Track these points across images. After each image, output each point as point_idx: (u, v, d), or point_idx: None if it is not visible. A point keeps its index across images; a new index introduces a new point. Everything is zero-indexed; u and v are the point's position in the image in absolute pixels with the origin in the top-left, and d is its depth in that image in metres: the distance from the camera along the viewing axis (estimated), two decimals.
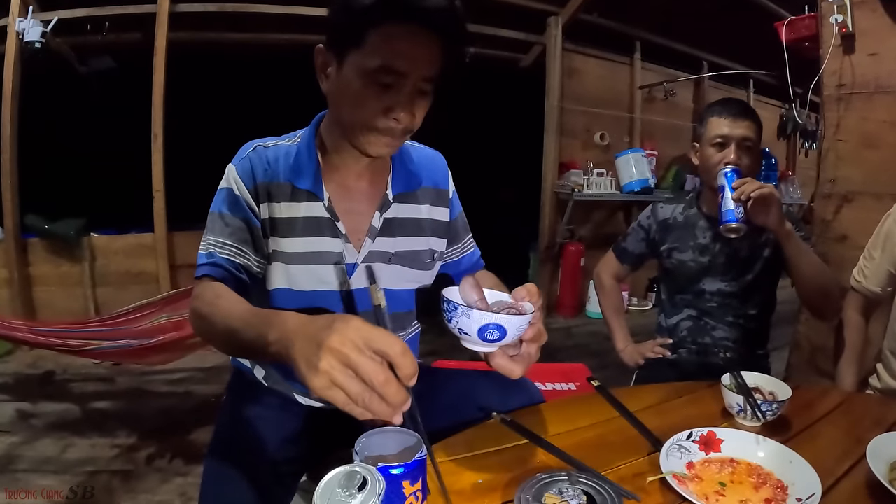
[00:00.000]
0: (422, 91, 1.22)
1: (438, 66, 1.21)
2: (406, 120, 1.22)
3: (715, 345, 2.14)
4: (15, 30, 4.19)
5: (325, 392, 0.79)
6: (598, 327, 5.03)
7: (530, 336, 1.05)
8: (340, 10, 1.19)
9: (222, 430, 1.41)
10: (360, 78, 1.18)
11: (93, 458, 2.92)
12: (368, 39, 1.16)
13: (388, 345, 0.80)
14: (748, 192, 1.71)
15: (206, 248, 1.32)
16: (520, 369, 1.05)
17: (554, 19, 5.37)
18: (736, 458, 1.11)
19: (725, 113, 1.99)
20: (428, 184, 1.50)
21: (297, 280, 1.35)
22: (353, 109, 1.23)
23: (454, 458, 1.12)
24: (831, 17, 2.67)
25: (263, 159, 1.34)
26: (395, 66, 1.16)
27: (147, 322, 3.27)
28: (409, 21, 1.15)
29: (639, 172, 5.31)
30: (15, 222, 4.44)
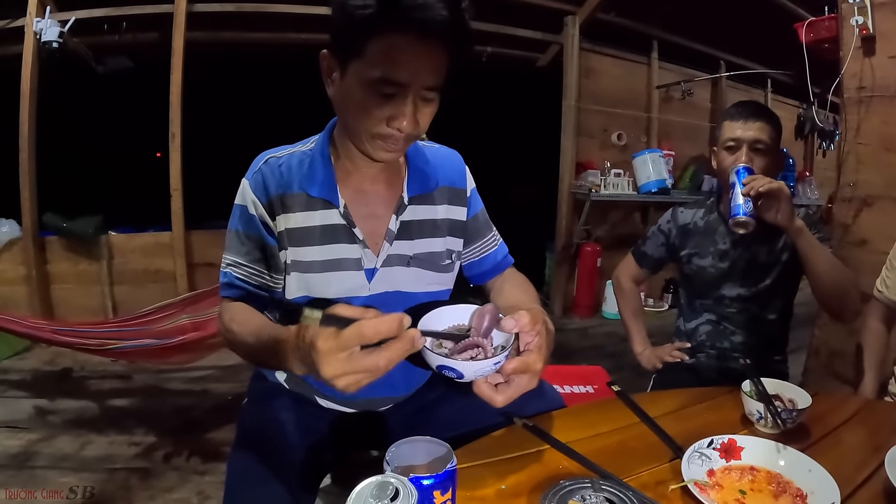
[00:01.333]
0: (425, 99, 1.21)
1: (442, 74, 1.20)
2: (409, 128, 1.21)
3: (734, 349, 2.13)
4: (33, 30, 4.22)
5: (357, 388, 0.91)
6: (615, 328, 5.03)
7: (511, 370, 1.02)
8: (341, 19, 1.17)
9: (244, 432, 1.42)
10: (362, 87, 1.18)
11: (111, 456, 2.94)
12: (369, 49, 1.15)
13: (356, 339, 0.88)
14: (757, 187, 1.71)
15: (224, 267, 1.39)
16: (501, 399, 1.03)
17: (571, 19, 5.36)
18: (756, 466, 1.11)
19: (738, 116, 1.99)
20: (444, 183, 1.49)
21: (317, 288, 1.36)
22: (356, 117, 1.23)
23: (478, 464, 1.12)
24: (852, 18, 2.65)
25: (276, 171, 1.35)
26: (396, 78, 1.15)
27: (168, 322, 3.30)
28: (410, 31, 1.13)
29: (656, 173, 5.29)
30: (33, 220, 4.49)
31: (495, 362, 0.99)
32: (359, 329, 0.87)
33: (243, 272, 1.36)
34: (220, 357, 3.83)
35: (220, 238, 4.25)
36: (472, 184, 1.57)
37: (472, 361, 0.98)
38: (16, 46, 4.39)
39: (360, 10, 1.12)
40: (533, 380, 1.06)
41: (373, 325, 0.87)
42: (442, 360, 0.97)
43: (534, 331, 1.06)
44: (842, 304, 1.90)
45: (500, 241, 1.66)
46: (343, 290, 1.37)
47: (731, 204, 1.80)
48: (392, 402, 1.55)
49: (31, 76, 4.35)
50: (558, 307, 5.83)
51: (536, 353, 1.05)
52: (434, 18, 1.12)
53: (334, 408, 1.50)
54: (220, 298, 1.41)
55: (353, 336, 0.87)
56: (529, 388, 1.05)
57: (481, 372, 1.00)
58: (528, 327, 1.05)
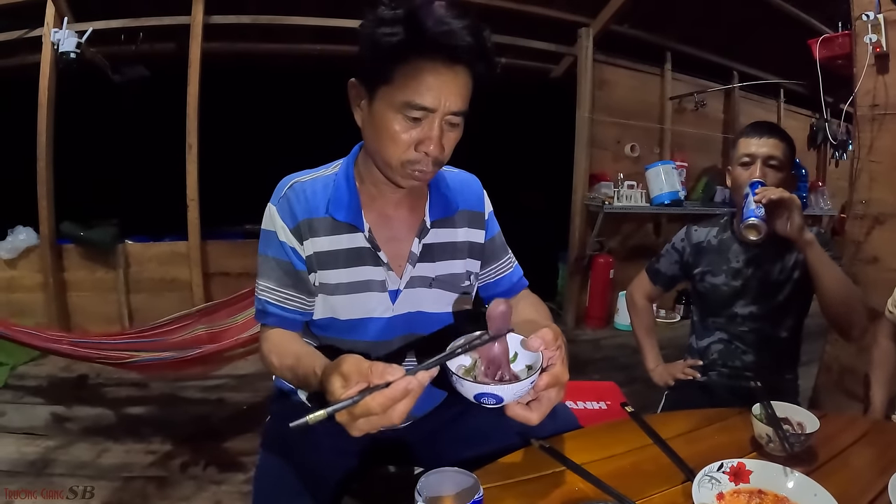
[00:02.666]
0: (451, 123, 1.25)
1: (467, 99, 1.24)
2: (435, 152, 1.24)
3: (745, 368, 2.14)
4: (50, 40, 4.28)
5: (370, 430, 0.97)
6: (627, 339, 5.02)
7: (544, 385, 1.06)
8: (369, 47, 1.21)
9: (268, 452, 1.44)
10: (390, 112, 1.21)
11: (128, 464, 2.96)
12: (397, 75, 1.19)
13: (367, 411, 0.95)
14: (769, 195, 1.74)
15: (259, 293, 1.42)
16: (536, 416, 1.08)
17: (585, 30, 5.36)
18: (764, 489, 1.13)
19: (753, 133, 2.03)
20: (464, 207, 1.52)
21: (342, 310, 1.40)
22: (384, 143, 1.25)
23: (496, 485, 1.14)
24: (865, 36, 2.64)
25: (301, 196, 1.38)
26: (423, 103, 1.19)
27: (184, 333, 3.33)
28: (436, 56, 1.18)
29: (669, 184, 5.27)
30: (50, 228, 4.54)
31: (531, 381, 1.02)
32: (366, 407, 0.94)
33: (277, 297, 1.39)
34: (235, 366, 3.86)
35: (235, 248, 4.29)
36: (489, 207, 1.61)
37: (510, 384, 1.01)
38: (33, 56, 4.45)
39: (389, 38, 1.17)
40: (561, 392, 1.11)
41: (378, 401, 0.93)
42: (480, 387, 0.99)
43: (555, 345, 1.09)
44: (849, 321, 1.91)
45: (515, 264, 1.69)
46: (367, 310, 1.40)
47: (743, 210, 1.83)
48: (412, 419, 1.57)
49: (49, 86, 4.41)
50: (571, 318, 5.83)
51: (561, 366, 1.10)
52: (459, 44, 1.17)
53: None
54: (260, 326, 1.45)
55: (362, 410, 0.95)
56: (558, 401, 1.11)
57: (520, 394, 1.02)
58: (551, 343, 1.09)
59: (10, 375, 4.05)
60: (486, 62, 1.25)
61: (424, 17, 1.17)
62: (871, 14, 2.59)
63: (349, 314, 1.40)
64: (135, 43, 4.54)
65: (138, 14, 4.50)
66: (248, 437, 3.20)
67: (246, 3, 4.71)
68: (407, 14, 1.17)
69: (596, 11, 5.25)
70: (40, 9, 4.31)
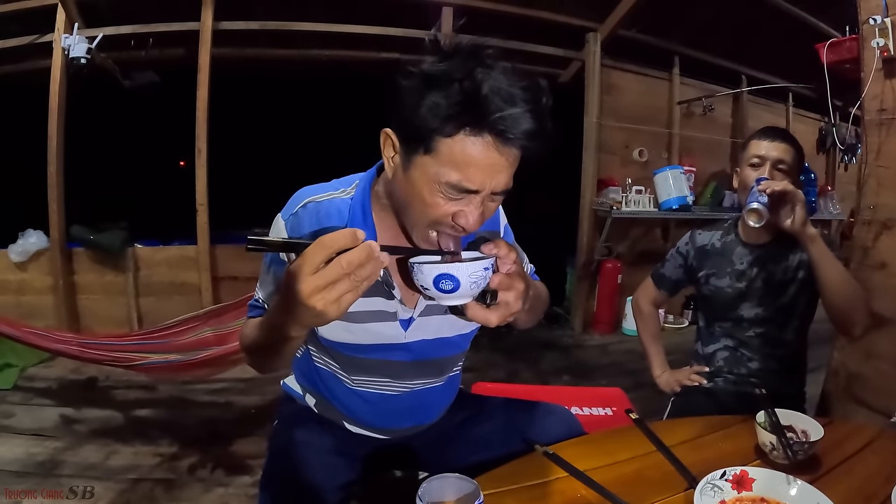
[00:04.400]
0: (494, 200, 1.17)
1: (513, 173, 1.14)
2: (473, 227, 1.14)
3: (751, 375, 2.13)
4: (61, 46, 4.31)
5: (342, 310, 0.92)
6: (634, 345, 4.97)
7: (497, 283, 1.08)
8: (411, 108, 1.07)
9: (275, 457, 1.45)
10: (429, 185, 1.11)
11: (136, 466, 2.98)
12: (441, 149, 1.06)
13: (320, 253, 0.89)
14: (773, 186, 1.75)
15: (256, 298, 1.42)
16: (495, 317, 1.10)
17: (593, 35, 5.36)
18: (767, 497, 1.13)
19: (764, 136, 2.04)
20: (482, 229, 1.40)
21: (353, 336, 1.38)
22: (415, 207, 1.16)
23: (499, 490, 1.15)
24: (873, 40, 2.62)
25: (314, 218, 1.31)
26: (469, 186, 1.08)
27: (191, 335, 3.34)
28: (491, 141, 1.05)
29: (677, 189, 5.25)
30: (61, 232, 4.57)
31: (484, 266, 1.06)
32: (317, 242, 0.89)
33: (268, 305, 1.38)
34: (243, 369, 3.86)
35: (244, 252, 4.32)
36: (504, 221, 1.55)
37: (464, 263, 1.04)
38: (44, 61, 4.49)
39: (439, 110, 1.04)
40: (518, 301, 1.12)
41: (330, 237, 0.89)
42: (439, 267, 1.02)
43: (509, 257, 1.11)
44: (851, 318, 1.91)
45: (531, 267, 1.66)
46: (379, 337, 1.38)
47: (746, 199, 1.84)
48: (421, 428, 1.58)
49: (60, 91, 4.45)
50: (578, 323, 5.82)
51: (517, 275, 1.11)
52: (519, 130, 1.05)
53: (362, 433, 1.54)
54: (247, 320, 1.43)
55: (314, 250, 0.89)
56: (516, 310, 1.12)
57: (474, 277, 1.04)
58: (504, 249, 1.10)
59: (19, 377, 4.07)
60: (543, 142, 1.10)
61: (481, 88, 1.03)
62: (879, 18, 2.57)
63: (361, 340, 1.38)
64: (145, 48, 4.57)
65: (148, 20, 4.53)
66: (256, 440, 3.21)
67: (255, 9, 4.74)
68: (460, 80, 1.03)
69: (604, 16, 5.24)
70: (51, 15, 4.34)
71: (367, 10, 4.62)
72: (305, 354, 1.54)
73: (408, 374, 1.46)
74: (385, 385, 1.46)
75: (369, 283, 0.92)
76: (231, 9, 4.65)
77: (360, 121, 1.34)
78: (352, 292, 0.91)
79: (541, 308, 1.51)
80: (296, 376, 1.65)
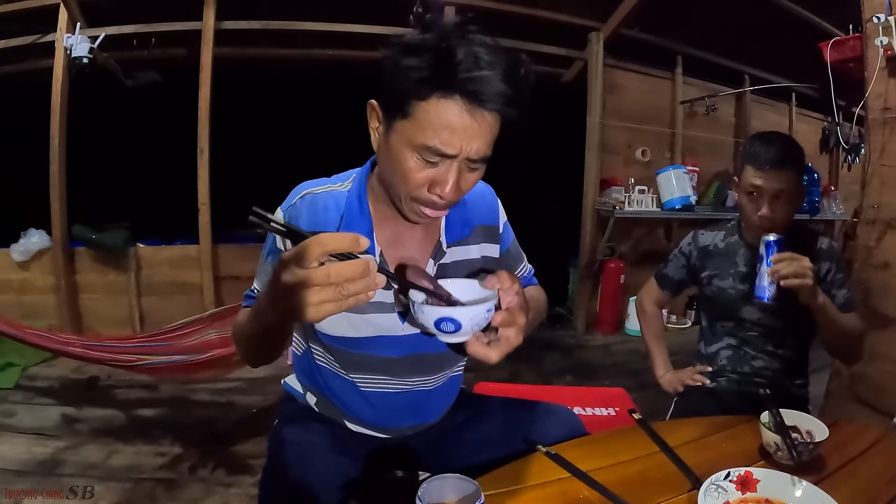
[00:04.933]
0: (471, 168, 1.20)
1: (492, 143, 1.18)
2: (450, 196, 1.18)
3: (754, 374, 2.13)
4: (63, 46, 4.32)
5: (319, 316, 0.88)
6: (637, 345, 5.00)
7: (500, 321, 1.08)
8: (390, 75, 1.13)
9: (275, 455, 1.44)
10: (406, 149, 1.15)
11: (137, 466, 2.98)
12: (417, 113, 1.11)
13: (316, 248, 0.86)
14: (783, 274, 1.69)
15: (252, 290, 1.43)
16: (494, 354, 1.09)
17: (595, 35, 5.36)
18: (771, 498, 1.12)
19: (760, 162, 1.93)
20: (479, 223, 1.49)
21: (351, 327, 1.38)
22: (396, 177, 1.20)
23: (501, 491, 1.14)
24: (876, 39, 2.61)
25: (312, 209, 1.34)
26: (443, 149, 1.12)
27: (195, 338, 3.35)
28: (463, 102, 1.09)
29: (680, 189, 5.24)
30: (62, 231, 4.57)
31: (487, 309, 1.05)
32: (315, 237, 0.86)
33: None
34: (246, 370, 3.87)
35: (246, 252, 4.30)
36: (503, 217, 1.58)
37: (467, 307, 1.03)
38: (46, 61, 4.49)
39: (413, 73, 1.09)
40: (519, 336, 1.12)
41: (329, 235, 0.87)
42: (441, 310, 1.01)
43: (512, 290, 1.11)
44: (846, 356, 2.08)
45: (530, 269, 1.68)
46: (377, 329, 1.39)
47: (756, 282, 1.78)
48: (421, 427, 1.57)
49: (62, 90, 4.45)
50: (581, 323, 5.81)
51: (518, 308, 1.11)
52: (490, 92, 1.08)
53: (363, 432, 1.53)
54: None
55: (310, 244, 0.86)
56: (517, 344, 1.12)
57: (476, 319, 1.04)
58: (507, 282, 1.10)
59: (21, 376, 4.07)
60: (520, 108, 1.15)
61: (455, 53, 1.08)
62: (882, 16, 2.56)
63: (358, 332, 1.38)
64: (147, 48, 4.57)
65: (150, 19, 4.53)
66: (257, 441, 3.21)
67: (257, 9, 4.74)
68: (435, 46, 1.09)
69: (606, 15, 5.24)
70: (53, 14, 4.34)
71: (369, 10, 4.61)
72: (306, 352, 1.54)
73: (406, 371, 1.45)
74: (384, 384, 1.46)
75: (357, 302, 0.88)
76: (233, 8, 4.65)
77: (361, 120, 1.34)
78: (334, 303, 0.87)
79: (539, 319, 1.53)
80: (296, 374, 1.65)
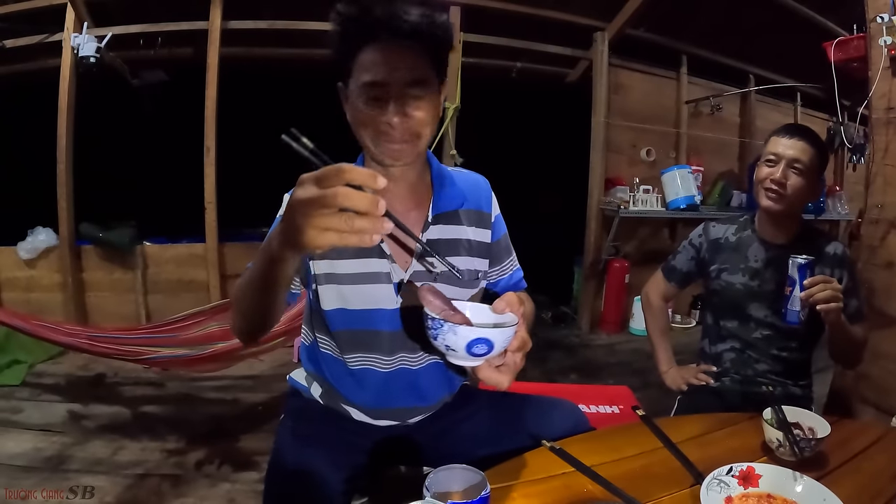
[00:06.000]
0: (411, 95, 1.32)
1: (421, 70, 1.33)
2: (399, 122, 1.31)
3: (758, 375, 2.12)
4: (70, 45, 4.35)
5: (319, 241, 0.86)
6: (641, 344, 5.01)
7: (515, 346, 1.10)
8: (332, 48, 1.36)
9: (281, 450, 1.46)
10: (358, 99, 1.32)
11: (143, 461, 3.00)
12: (356, 65, 1.32)
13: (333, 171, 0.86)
14: (818, 300, 1.69)
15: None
16: (507, 380, 1.11)
17: (600, 34, 5.36)
18: (773, 493, 1.13)
19: (784, 133, 2.00)
20: (470, 206, 1.55)
21: (350, 300, 1.43)
22: (360, 126, 1.36)
23: (506, 485, 1.15)
24: (880, 38, 2.61)
25: None
26: (376, 79, 1.29)
27: (197, 330, 3.36)
28: (379, 38, 1.29)
29: (684, 189, 5.24)
30: (70, 229, 4.60)
31: (513, 330, 1.06)
32: (338, 165, 0.87)
33: None
34: (250, 367, 3.90)
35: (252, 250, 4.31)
36: (497, 210, 1.63)
37: (502, 329, 1.03)
38: (54, 60, 4.52)
39: (342, 36, 1.32)
40: (523, 359, 1.14)
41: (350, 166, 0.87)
42: (478, 332, 1.01)
43: (519, 312, 1.13)
44: (845, 362, 2.14)
45: (517, 266, 1.72)
46: (375, 301, 1.44)
47: (787, 305, 1.78)
48: (420, 412, 1.59)
49: (69, 90, 4.48)
50: (586, 323, 5.81)
51: (525, 333, 1.13)
52: (399, 24, 1.29)
53: (367, 420, 1.55)
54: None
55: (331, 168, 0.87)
56: (521, 366, 1.14)
57: (507, 342, 1.05)
58: (516, 305, 1.13)
59: (28, 373, 4.10)
60: (435, 32, 1.34)
61: (369, 10, 1.29)
62: (886, 16, 2.56)
63: (358, 304, 1.44)
64: (153, 47, 4.60)
65: (157, 19, 4.56)
66: (263, 437, 3.23)
67: (263, 9, 4.76)
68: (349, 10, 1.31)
69: (611, 15, 5.25)
70: (60, 14, 4.38)
71: None
72: (313, 342, 1.58)
73: (392, 347, 1.49)
74: (372, 361, 1.49)
75: (360, 241, 0.86)
76: (239, 8, 4.67)
77: None
78: (336, 234, 0.86)
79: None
80: (303, 362, 1.67)
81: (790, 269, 1.76)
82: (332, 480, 1.32)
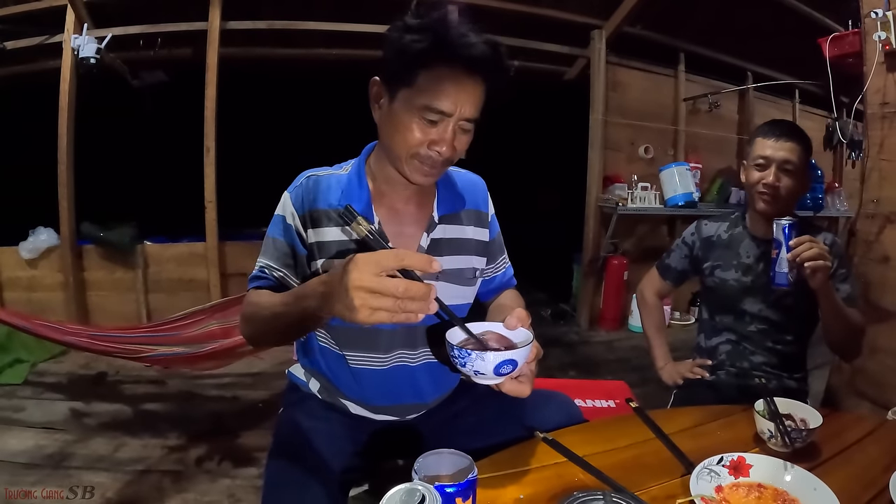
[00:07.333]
0: (464, 129, 1.34)
1: (479, 107, 1.34)
2: (447, 153, 1.33)
3: (753, 369, 2.13)
4: (71, 46, 4.36)
5: (370, 320, 0.96)
6: (640, 341, 5.01)
7: (531, 358, 1.16)
8: (395, 52, 1.30)
9: (281, 440, 1.49)
10: (409, 112, 1.31)
11: (144, 458, 3.01)
12: (418, 79, 1.28)
13: (393, 260, 0.96)
14: (805, 258, 1.69)
15: (258, 268, 1.46)
16: (528, 389, 1.17)
17: (598, 32, 5.37)
18: (763, 483, 1.14)
19: (770, 134, 2.00)
20: (470, 206, 1.59)
21: None
22: (400, 139, 1.34)
23: (499, 474, 1.18)
24: (874, 34, 2.62)
25: (315, 188, 1.46)
26: (441, 107, 1.28)
27: (197, 328, 3.37)
28: (456, 66, 1.28)
29: (683, 186, 5.24)
30: (71, 229, 4.62)
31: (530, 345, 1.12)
32: (395, 251, 0.97)
33: (273, 273, 1.44)
34: (250, 364, 3.92)
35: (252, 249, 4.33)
36: (492, 209, 1.68)
37: (522, 348, 1.09)
38: (54, 61, 4.54)
39: (415, 44, 1.27)
40: (536, 368, 1.21)
41: (407, 252, 0.97)
42: (503, 354, 1.06)
43: (528, 322, 1.20)
44: (845, 350, 2.07)
45: (508, 264, 1.77)
46: None
47: (774, 268, 1.79)
48: (420, 409, 1.61)
49: (70, 90, 4.50)
50: (585, 320, 5.82)
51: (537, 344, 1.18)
52: (478, 56, 1.28)
53: (365, 415, 1.57)
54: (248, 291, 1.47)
55: (389, 255, 0.96)
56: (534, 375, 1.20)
57: (526, 356, 1.12)
58: (525, 319, 1.19)
59: (30, 372, 4.12)
60: (501, 74, 1.35)
61: (448, 28, 1.28)
62: (880, 11, 2.57)
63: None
64: (153, 48, 4.61)
65: (157, 20, 4.58)
66: (262, 434, 3.24)
67: (262, 9, 4.77)
68: (432, 24, 1.28)
69: (609, 13, 5.26)
70: (61, 15, 4.39)
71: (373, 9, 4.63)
72: (311, 334, 1.59)
73: (395, 343, 1.51)
74: (370, 360, 1.51)
75: (408, 320, 0.96)
76: (238, 8, 4.68)
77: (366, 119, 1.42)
78: (388, 313, 0.95)
79: None
80: (299, 357, 1.70)
81: (775, 231, 1.77)
82: (330, 472, 1.34)
